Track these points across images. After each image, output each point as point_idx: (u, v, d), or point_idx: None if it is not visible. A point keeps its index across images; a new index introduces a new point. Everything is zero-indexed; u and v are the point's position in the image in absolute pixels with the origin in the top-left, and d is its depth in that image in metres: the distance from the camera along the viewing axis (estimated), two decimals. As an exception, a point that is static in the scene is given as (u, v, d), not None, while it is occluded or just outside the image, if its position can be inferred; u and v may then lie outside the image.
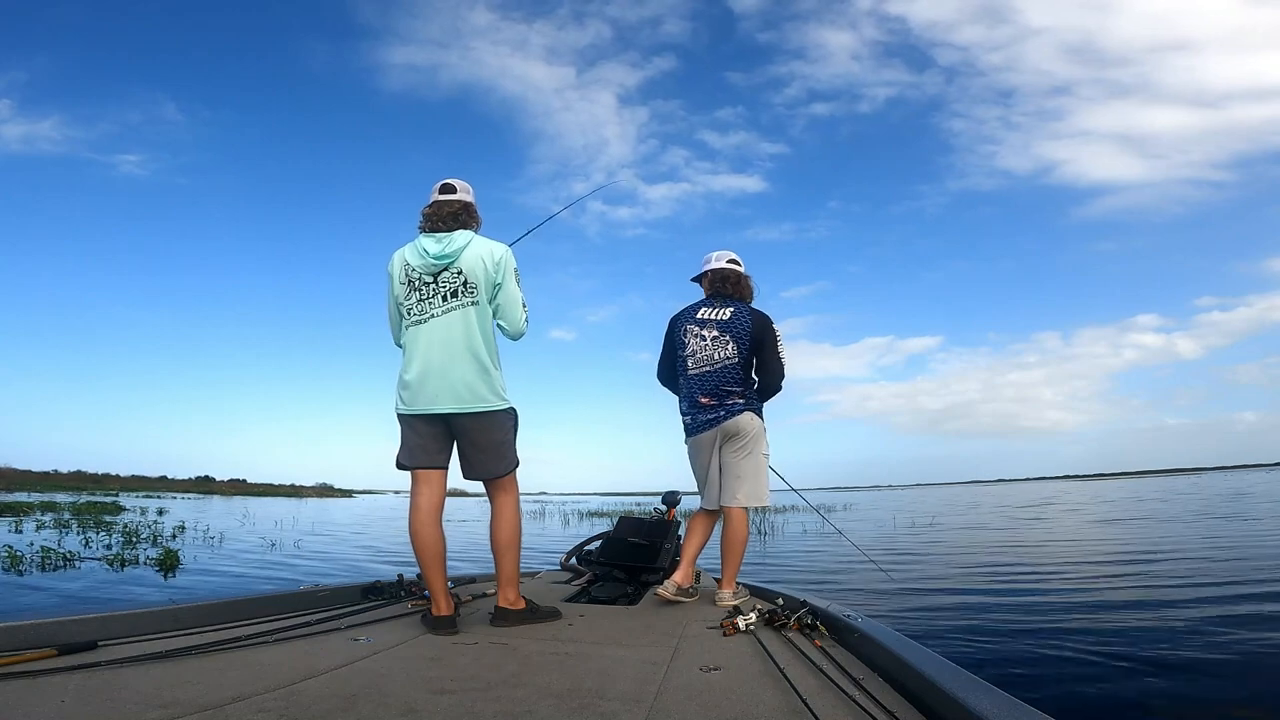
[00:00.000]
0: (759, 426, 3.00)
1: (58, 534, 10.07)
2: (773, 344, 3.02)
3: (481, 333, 2.47)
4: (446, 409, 2.43)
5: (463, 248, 2.46)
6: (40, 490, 33.90)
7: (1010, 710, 1.23)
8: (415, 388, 2.45)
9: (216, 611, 2.36)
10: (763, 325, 3.01)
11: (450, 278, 2.46)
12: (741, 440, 2.96)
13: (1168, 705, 2.68)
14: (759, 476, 2.97)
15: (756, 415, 3.00)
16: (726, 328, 3.00)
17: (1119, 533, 10.53)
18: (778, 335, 3.04)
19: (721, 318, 3.03)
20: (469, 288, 2.46)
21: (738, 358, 2.97)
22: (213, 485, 69.39)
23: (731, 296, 3.08)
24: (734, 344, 2.98)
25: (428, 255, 2.45)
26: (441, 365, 2.43)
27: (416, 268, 2.47)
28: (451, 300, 2.45)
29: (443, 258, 2.45)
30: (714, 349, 3.00)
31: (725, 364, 2.98)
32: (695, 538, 3.07)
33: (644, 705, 1.53)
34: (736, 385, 2.97)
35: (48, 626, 1.90)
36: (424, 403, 2.44)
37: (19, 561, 6.51)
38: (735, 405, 2.97)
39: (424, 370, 2.44)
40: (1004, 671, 3.04)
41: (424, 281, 2.47)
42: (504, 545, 2.50)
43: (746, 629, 2.32)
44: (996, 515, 16.91)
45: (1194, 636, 3.54)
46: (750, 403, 2.99)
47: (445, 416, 2.46)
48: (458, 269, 2.46)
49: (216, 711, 1.43)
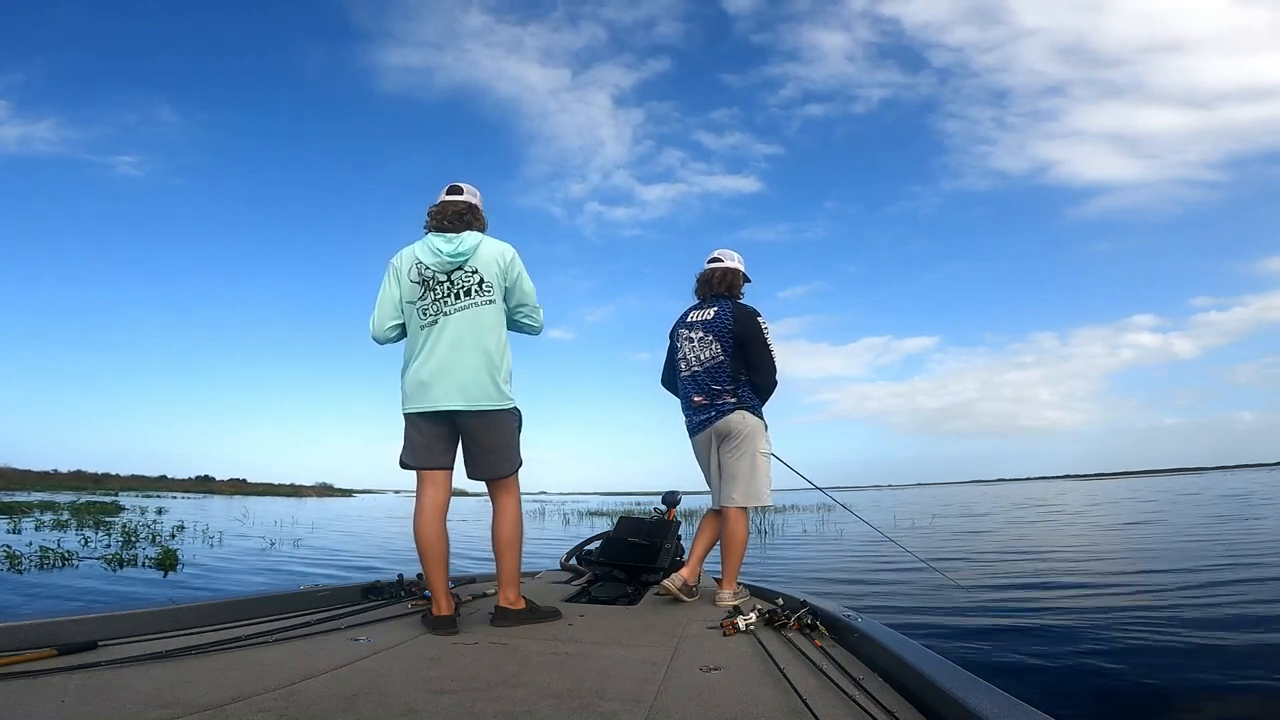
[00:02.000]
0: (753, 425, 2.97)
1: (57, 534, 10.06)
2: (758, 338, 2.97)
3: (494, 332, 2.49)
4: (455, 407, 2.43)
5: (475, 247, 2.48)
6: (40, 490, 33.93)
7: (1010, 710, 1.23)
8: (424, 386, 2.44)
9: (216, 611, 2.36)
10: (744, 319, 2.99)
11: (464, 277, 2.47)
12: (735, 440, 2.96)
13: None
14: (755, 476, 2.95)
15: (750, 413, 2.98)
16: (710, 327, 3.02)
17: (1151, 534, 9.97)
18: (764, 328, 2.99)
19: (706, 317, 3.05)
20: (484, 287, 2.48)
21: (724, 355, 2.97)
22: (212, 485, 69.41)
23: (719, 295, 3.09)
24: (718, 342, 2.98)
25: (441, 253, 2.46)
26: (454, 363, 2.43)
27: (430, 266, 2.47)
28: (465, 299, 2.46)
29: (457, 256, 2.46)
30: (700, 349, 3.03)
31: (712, 363, 2.99)
32: (704, 537, 3.07)
33: (644, 705, 1.53)
34: (726, 384, 2.97)
35: (48, 626, 1.90)
36: (432, 400, 2.43)
37: (17, 561, 6.51)
38: (726, 405, 2.97)
39: (437, 368, 2.43)
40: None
41: (437, 280, 2.47)
42: (505, 545, 2.50)
43: (746, 629, 2.32)
44: (1017, 514, 16.91)
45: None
46: (743, 401, 2.98)
47: (451, 415, 2.46)
48: (472, 268, 2.47)
49: (216, 711, 1.43)
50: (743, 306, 3.06)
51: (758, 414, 3.01)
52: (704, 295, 3.14)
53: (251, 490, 64.57)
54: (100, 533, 10.39)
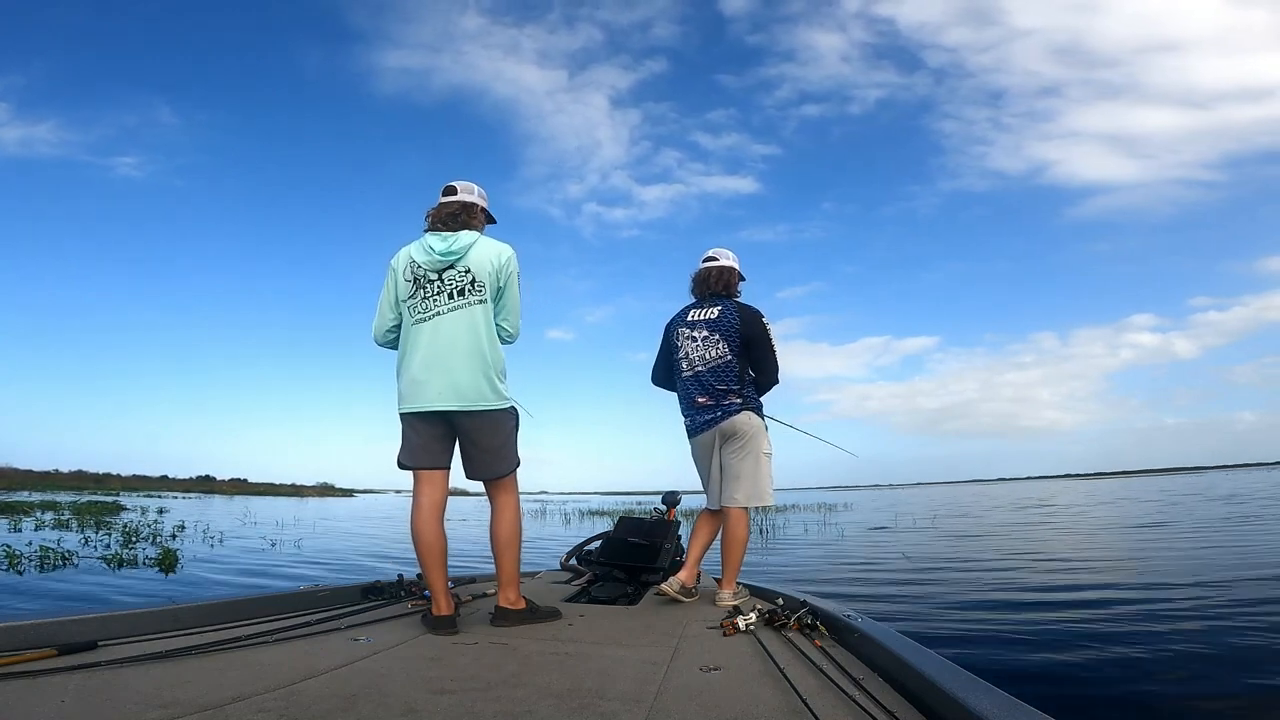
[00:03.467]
0: (757, 425, 2.98)
1: (58, 533, 10.07)
2: (764, 339, 2.98)
3: (487, 331, 2.48)
4: (449, 407, 2.43)
5: (469, 246, 2.47)
6: (41, 490, 33.95)
7: (1010, 710, 1.23)
8: (418, 385, 2.44)
9: (216, 611, 2.36)
10: (751, 320, 2.99)
11: (457, 276, 2.46)
12: (740, 440, 2.96)
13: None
14: (759, 476, 2.95)
15: (755, 414, 2.99)
16: (715, 326, 3.01)
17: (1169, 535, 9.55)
18: (769, 329, 3.00)
19: (710, 316, 3.04)
20: (476, 286, 2.47)
21: (730, 355, 2.97)
22: (214, 485, 69.41)
23: (717, 294, 3.09)
24: (724, 342, 2.98)
25: (433, 252, 2.46)
26: (446, 363, 2.42)
27: (422, 264, 2.47)
28: (458, 298, 2.46)
29: (449, 254, 2.45)
30: (705, 349, 3.01)
31: (718, 363, 2.98)
32: (700, 538, 3.07)
33: (644, 705, 1.53)
34: (733, 384, 2.96)
35: (48, 626, 1.90)
36: (425, 400, 2.43)
37: (17, 561, 6.52)
38: (732, 405, 2.96)
39: (428, 368, 2.43)
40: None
41: (429, 279, 2.47)
42: (504, 545, 2.50)
43: (746, 629, 2.32)
44: (1016, 513, 16.89)
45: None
46: (748, 401, 2.98)
47: (447, 415, 2.45)
48: (465, 267, 2.47)
49: (216, 711, 1.43)
50: (747, 307, 3.05)
51: (761, 415, 3.02)
52: (702, 294, 3.14)
53: (252, 490, 64.57)
54: (101, 533, 10.39)
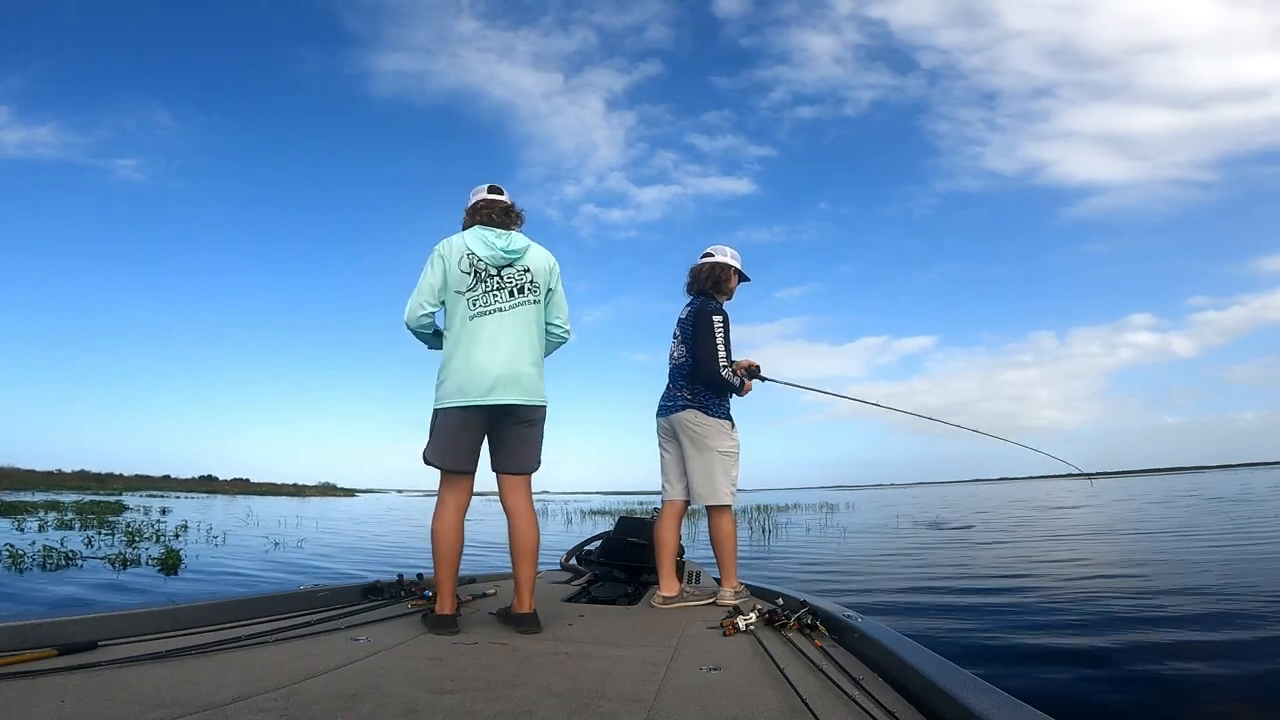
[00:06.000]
0: (707, 424, 2.95)
1: (61, 533, 10.09)
2: (704, 330, 2.93)
3: (539, 331, 2.54)
4: (511, 400, 2.42)
5: (527, 247, 2.53)
6: (44, 490, 33.99)
7: (1010, 710, 1.23)
8: (477, 378, 2.40)
9: (216, 611, 2.36)
10: (696, 314, 2.99)
11: (516, 274, 2.49)
12: (686, 437, 2.99)
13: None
14: (711, 474, 2.94)
15: (704, 413, 2.95)
16: (682, 324, 3.09)
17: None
18: (714, 322, 2.94)
19: (682, 315, 3.12)
20: (533, 286, 2.52)
21: (684, 355, 3.02)
22: (216, 485, 69.40)
23: (702, 291, 3.10)
24: (684, 343, 3.03)
25: (495, 246, 2.47)
26: (511, 358, 2.43)
27: (484, 258, 2.46)
28: (519, 296, 2.49)
29: (511, 253, 2.49)
30: (674, 347, 3.11)
31: (676, 363, 3.07)
32: (665, 542, 3.01)
33: (644, 705, 1.53)
34: (682, 380, 3.03)
35: (48, 626, 1.90)
36: (488, 394, 2.40)
37: (20, 560, 6.53)
38: (680, 400, 3.01)
39: (491, 361, 2.41)
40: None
41: (489, 273, 2.47)
42: (531, 551, 2.48)
43: (746, 629, 2.32)
44: (1017, 514, 16.87)
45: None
46: (698, 398, 2.97)
47: (492, 410, 2.43)
48: (524, 267, 2.51)
49: (216, 711, 1.43)
50: (701, 300, 3.04)
51: (715, 414, 2.97)
52: (689, 291, 3.17)
53: (254, 490, 64.62)
54: (104, 532, 10.42)
